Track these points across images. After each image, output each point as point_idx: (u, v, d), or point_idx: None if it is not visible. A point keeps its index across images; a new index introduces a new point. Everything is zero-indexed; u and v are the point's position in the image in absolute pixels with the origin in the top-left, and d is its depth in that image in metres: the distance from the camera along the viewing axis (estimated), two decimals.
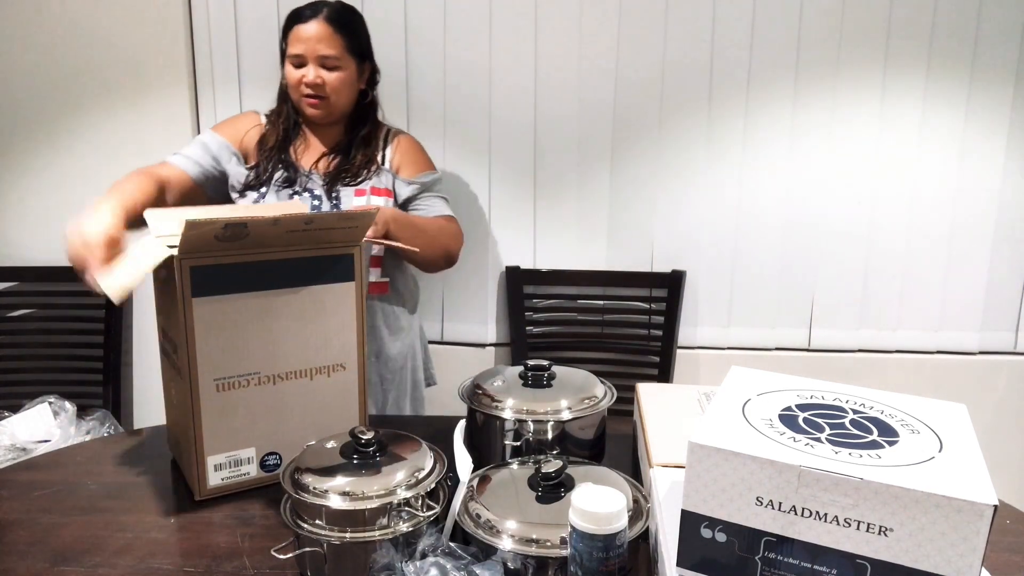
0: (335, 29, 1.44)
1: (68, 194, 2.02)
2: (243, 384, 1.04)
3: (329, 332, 1.10)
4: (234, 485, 1.06)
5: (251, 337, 1.04)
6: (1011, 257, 1.95)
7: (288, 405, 1.08)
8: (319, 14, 1.44)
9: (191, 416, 1.01)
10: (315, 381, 1.10)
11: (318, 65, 1.44)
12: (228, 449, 1.05)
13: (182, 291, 0.98)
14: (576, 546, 0.72)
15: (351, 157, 1.51)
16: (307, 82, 1.44)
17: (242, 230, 0.97)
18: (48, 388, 1.88)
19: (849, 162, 1.92)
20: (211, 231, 0.95)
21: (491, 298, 2.06)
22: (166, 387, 1.13)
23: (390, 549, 0.81)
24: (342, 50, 1.45)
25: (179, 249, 0.96)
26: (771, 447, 0.67)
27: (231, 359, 1.03)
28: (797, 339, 2.02)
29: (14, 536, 0.95)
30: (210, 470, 1.04)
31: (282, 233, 1.01)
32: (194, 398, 1.01)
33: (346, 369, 1.12)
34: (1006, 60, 1.86)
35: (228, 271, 1.01)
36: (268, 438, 1.08)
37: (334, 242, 1.08)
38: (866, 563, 0.64)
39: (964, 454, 0.67)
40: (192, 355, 1.00)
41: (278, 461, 1.09)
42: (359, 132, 1.54)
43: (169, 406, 1.14)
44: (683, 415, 1.08)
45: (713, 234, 1.98)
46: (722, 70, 1.90)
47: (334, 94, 1.47)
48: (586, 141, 1.96)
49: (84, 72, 1.97)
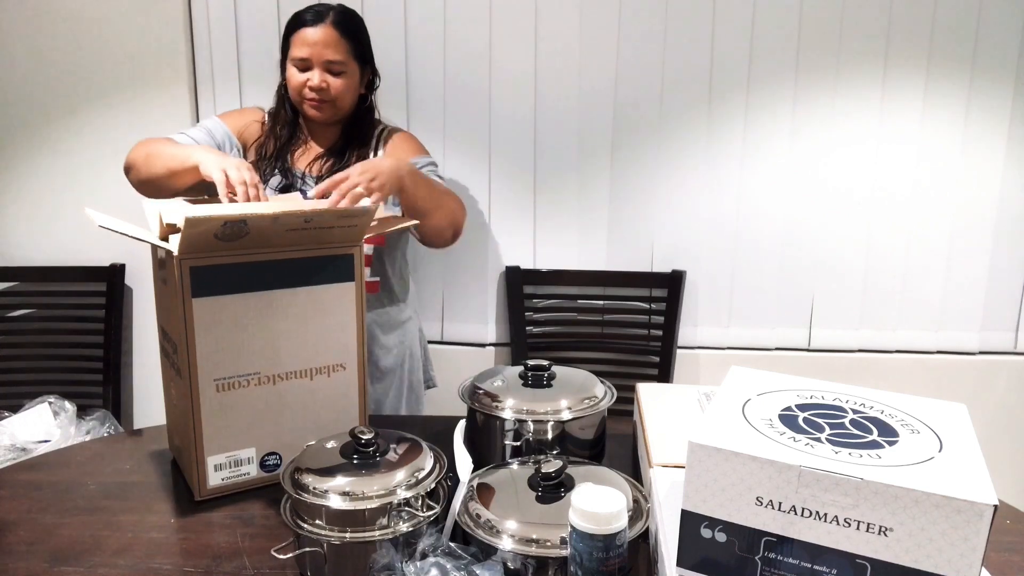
0: (341, 34, 1.44)
1: (68, 194, 2.01)
2: (243, 384, 1.04)
3: (329, 332, 1.10)
4: (234, 485, 1.06)
5: (251, 337, 1.04)
6: (1011, 257, 1.95)
7: (288, 405, 1.08)
8: (325, 19, 1.44)
9: (191, 416, 1.01)
10: (315, 381, 1.10)
11: (323, 70, 1.44)
12: (228, 449, 1.05)
13: (182, 291, 0.98)
14: (576, 546, 0.72)
15: (346, 159, 1.51)
16: (312, 86, 1.44)
17: (242, 228, 0.97)
18: (48, 388, 1.88)
19: (849, 162, 1.92)
20: (211, 229, 0.95)
21: (491, 298, 2.06)
22: (166, 388, 1.14)
23: (390, 549, 0.81)
24: (347, 55, 1.45)
25: (179, 249, 0.96)
26: (771, 447, 0.67)
27: (231, 359, 1.03)
28: (797, 339, 2.02)
29: (14, 536, 0.95)
30: (210, 470, 1.04)
31: (282, 232, 1.01)
32: (194, 398, 1.01)
33: (346, 369, 1.12)
34: (1006, 60, 1.86)
35: (228, 271, 1.01)
36: (268, 438, 1.08)
37: (334, 241, 1.08)
38: (866, 563, 0.64)
39: (964, 454, 0.67)
40: (192, 355, 1.00)
41: (278, 461, 1.09)
42: (359, 135, 1.54)
43: (169, 406, 1.14)
44: (683, 415, 1.08)
45: (713, 234, 1.98)
46: (722, 70, 1.90)
47: (338, 98, 1.47)
48: (586, 141, 1.96)
49: (84, 72, 1.97)
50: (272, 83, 1.60)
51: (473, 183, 1.99)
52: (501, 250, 2.04)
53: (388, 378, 1.58)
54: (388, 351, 1.58)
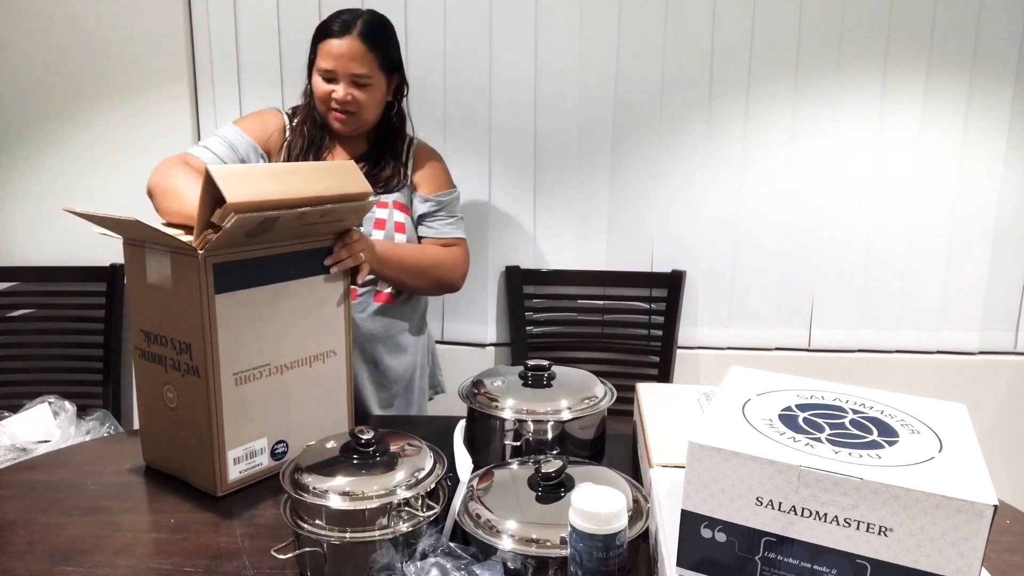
0: (368, 47, 1.39)
1: (68, 194, 2.02)
2: (256, 376, 1.07)
3: (325, 320, 1.15)
4: (250, 477, 1.08)
5: (263, 329, 1.07)
6: (1011, 257, 1.95)
7: (293, 393, 1.11)
8: (352, 30, 1.39)
9: (211, 413, 1.01)
10: (313, 368, 1.14)
11: (348, 83, 1.40)
12: (245, 442, 1.07)
13: (205, 289, 0.98)
14: (576, 546, 0.72)
15: (381, 168, 1.49)
16: (338, 99, 1.40)
17: (273, 223, 1.00)
18: (48, 388, 1.88)
19: (849, 162, 1.92)
20: (245, 227, 0.96)
21: (491, 298, 2.06)
22: (156, 392, 1.10)
23: (390, 549, 0.81)
24: (374, 68, 1.41)
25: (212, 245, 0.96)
26: (771, 447, 0.67)
27: (247, 352, 1.05)
28: (797, 339, 2.02)
29: (14, 536, 0.95)
30: (230, 464, 1.05)
31: (298, 225, 1.05)
32: (215, 395, 1.01)
33: (337, 354, 1.17)
34: (1006, 60, 1.86)
35: (246, 266, 1.03)
36: (277, 427, 1.10)
37: (334, 232, 1.15)
38: (866, 563, 0.64)
39: (964, 454, 0.67)
40: (215, 352, 1.01)
41: (285, 449, 1.12)
42: (390, 144, 1.52)
43: (159, 411, 1.11)
44: (683, 415, 1.08)
45: (713, 234, 1.98)
46: (722, 70, 1.90)
47: (363, 111, 1.43)
48: (586, 141, 1.96)
49: (84, 73, 1.97)
50: (272, 83, 1.60)
51: (473, 183, 1.99)
52: (501, 250, 2.04)
53: (396, 385, 1.56)
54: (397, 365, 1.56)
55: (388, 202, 1.47)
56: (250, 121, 1.48)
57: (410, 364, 1.58)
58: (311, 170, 1.13)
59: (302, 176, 1.07)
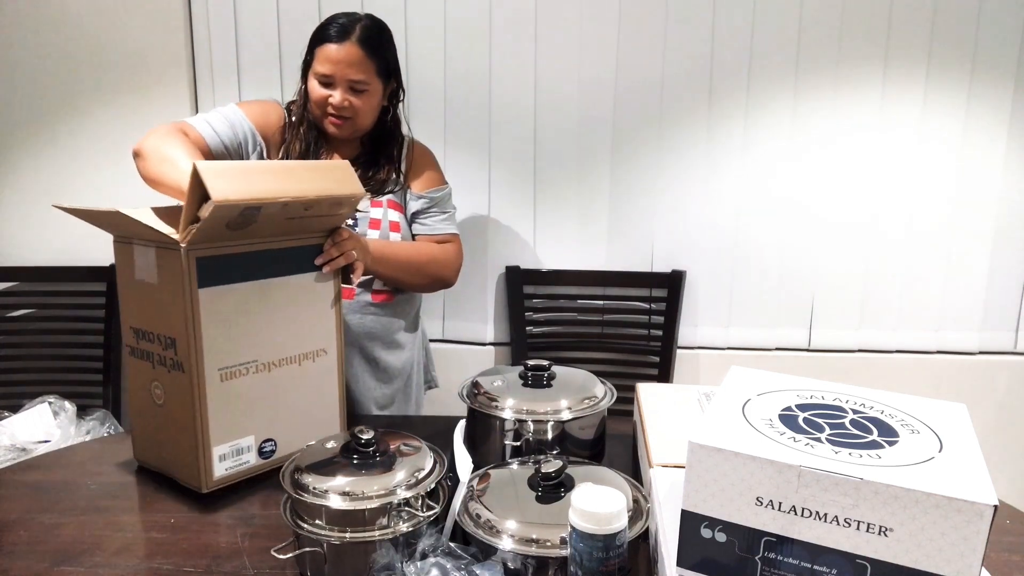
0: (367, 53, 1.39)
1: (68, 194, 2.02)
2: (243, 372, 1.06)
3: (315, 318, 1.14)
4: (237, 475, 1.07)
5: (250, 325, 1.06)
6: (1011, 257, 1.95)
7: (281, 391, 1.11)
8: (350, 35, 1.38)
9: (195, 409, 1.01)
10: (303, 366, 1.14)
11: (345, 89, 1.39)
12: (231, 439, 1.06)
13: (187, 282, 0.98)
14: (576, 546, 0.72)
15: (377, 169, 1.49)
16: (334, 104, 1.40)
17: (255, 214, 0.99)
18: (48, 388, 1.88)
19: (849, 162, 1.92)
20: (225, 218, 0.96)
21: (491, 298, 2.06)
22: (145, 390, 1.10)
23: (390, 549, 0.81)
24: (371, 74, 1.41)
25: (192, 237, 0.96)
26: (771, 447, 0.67)
27: (233, 348, 1.05)
28: (797, 339, 2.02)
29: (14, 536, 0.95)
30: (215, 461, 1.05)
31: (282, 220, 1.04)
32: (199, 390, 1.01)
33: (327, 353, 1.17)
34: (1006, 60, 1.86)
35: (231, 261, 1.03)
36: (265, 425, 1.10)
37: (323, 230, 1.14)
38: (866, 563, 0.63)
39: (964, 454, 0.67)
40: (198, 346, 1.00)
41: (274, 447, 1.11)
42: (384, 148, 1.51)
43: (148, 409, 1.10)
44: (683, 415, 1.08)
45: (713, 234, 1.98)
46: (722, 70, 1.90)
47: (360, 116, 1.43)
48: (586, 141, 1.96)
49: (84, 71, 1.97)
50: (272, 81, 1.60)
51: (473, 183, 1.99)
52: (501, 250, 2.04)
53: (397, 380, 1.57)
54: (394, 362, 1.56)
55: (383, 201, 1.48)
56: (254, 107, 1.47)
57: (408, 360, 1.59)
58: (304, 169, 1.12)
59: (294, 176, 1.06)
